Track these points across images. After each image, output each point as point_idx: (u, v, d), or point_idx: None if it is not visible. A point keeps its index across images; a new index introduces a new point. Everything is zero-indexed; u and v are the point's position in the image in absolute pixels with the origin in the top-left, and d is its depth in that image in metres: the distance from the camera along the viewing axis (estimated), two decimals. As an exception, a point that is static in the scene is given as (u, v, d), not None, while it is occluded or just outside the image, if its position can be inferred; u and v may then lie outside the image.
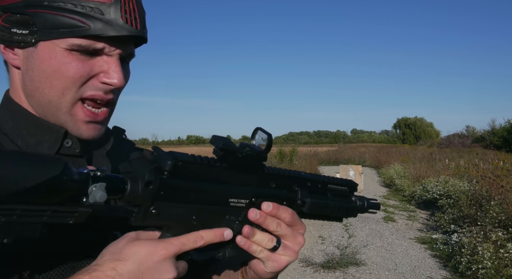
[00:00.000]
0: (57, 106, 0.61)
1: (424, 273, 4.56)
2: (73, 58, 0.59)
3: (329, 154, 28.53)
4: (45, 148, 0.62)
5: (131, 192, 0.50)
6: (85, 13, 0.56)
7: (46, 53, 0.59)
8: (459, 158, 14.83)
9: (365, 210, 0.84)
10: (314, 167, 14.61)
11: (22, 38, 0.59)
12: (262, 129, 0.64)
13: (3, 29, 0.60)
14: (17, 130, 0.63)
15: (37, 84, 0.61)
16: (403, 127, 63.42)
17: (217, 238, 0.59)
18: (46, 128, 0.63)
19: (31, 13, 0.57)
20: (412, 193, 9.83)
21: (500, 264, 3.86)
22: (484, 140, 26.65)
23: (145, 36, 0.64)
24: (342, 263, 4.85)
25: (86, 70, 0.60)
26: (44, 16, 0.57)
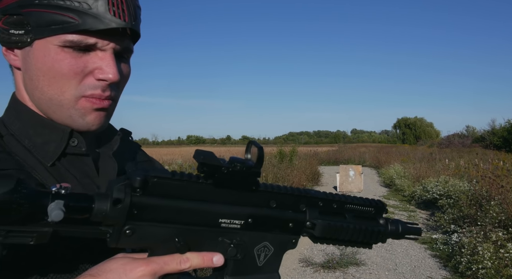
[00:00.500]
0: (58, 104, 0.62)
1: (424, 273, 4.56)
2: (66, 55, 0.59)
3: (329, 154, 28.53)
4: (52, 147, 0.63)
5: (98, 211, 0.47)
6: (73, 9, 0.57)
7: (40, 52, 0.60)
8: (459, 158, 14.83)
9: (400, 235, 0.74)
10: (314, 167, 14.61)
11: (19, 39, 0.60)
12: (254, 143, 0.59)
13: (3, 31, 0.61)
14: (24, 130, 0.63)
15: (36, 83, 0.61)
16: (403, 127, 63.41)
17: (205, 262, 0.55)
18: (52, 128, 0.64)
19: (25, 13, 0.58)
20: (412, 193, 9.83)
21: (500, 264, 3.86)
22: (484, 140, 26.65)
23: (136, 29, 0.63)
24: (342, 263, 4.85)
25: (79, 66, 0.60)
26: (36, 14, 0.58)
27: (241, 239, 0.59)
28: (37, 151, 0.62)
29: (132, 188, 0.49)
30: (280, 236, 0.64)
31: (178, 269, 0.52)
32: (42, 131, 0.63)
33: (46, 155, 0.62)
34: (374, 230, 0.71)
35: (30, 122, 0.64)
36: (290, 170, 9.94)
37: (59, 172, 0.62)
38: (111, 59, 0.61)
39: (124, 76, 0.67)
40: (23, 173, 0.58)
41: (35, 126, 0.64)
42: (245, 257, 0.60)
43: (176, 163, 14.06)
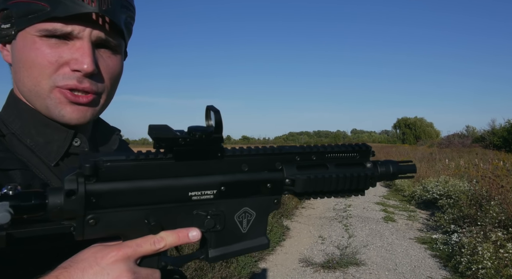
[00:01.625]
0: (36, 94, 0.60)
1: (424, 273, 4.56)
2: (42, 44, 0.58)
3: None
4: (55, 147, 0.62)
5: (52, 206, 0.45)
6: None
7: (21, 43, 0.59)
8: (459, 158, 14.82)
9: (393, 176, 0.70)
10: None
11: (6, 32, 0.60)
12: (211, 107, 0.56)
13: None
14: (25, 129, 0.63)
15: (19, 75, 0.61)
16: (403, 127, 63.39)
17: (180, 239, 0.53)
18: (55, 128, 0.63)
19: (10, 5, 0.58)
20: (412, 193, 9.83)
21: (500, 264, 3.86)
22: (484, 140, 26.63)
23: (110, 16, 0.60)
24: (342, 263, 4.84)
25: (54, 56, 0.58)
26: (17, 5, 0.57)
27: (217, 209, 0.56)
28: (39, 151, 0.62)
29: (84, 177, 0.47)
30: (260, 199, 0.60)
31: (152, 250, 0.50)
32: (45, 131, 0.63)
33: (49, 155, 0.62)
34: (361, 175, 0.65)
35: (31, 121, 0.63)
36: (290, 170, 9.93)
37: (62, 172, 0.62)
38: (87, 48, 0.59)
39: (109, 70, 0.64)
40: (28, 173, 0.58)
41: (37, 125, 0.63)
42: (226, 227, 0.58)
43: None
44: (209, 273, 3.88)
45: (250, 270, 4.47)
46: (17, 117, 0.64)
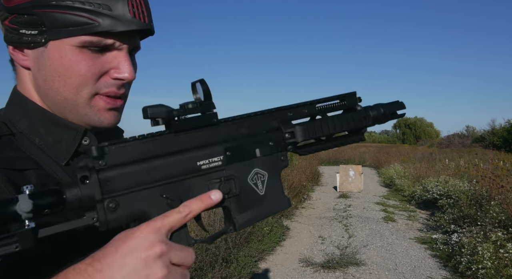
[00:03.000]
0: (73, 103, 0.61)
1: (424, 273, 4.56)
2: (84, 56, 0.59)
3: (329, 154, 28.49)
4: (64, 145, 0.63)
5: (71, 198, 0.46)
6: (93, 10, 0.57)
7: (56, 52, 0.59)
8: (459, 158, 14.81)
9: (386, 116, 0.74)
10: (314, 167, 14.61)
11: (31, 39, 0.59)
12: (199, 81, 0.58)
13: (11, 30, 0.59)
14: (34, 128, 0.62)
15: (51, 83, 0.61)
16: (403, 127, 63.37)
17: (204, 202, 0.54)
18: (64, 127, 0.63)
19: (39, 13, 0.57)
20: (412, 193, 9.82)
21: (500, 264, 3.86)
22: (484, 140, 26.62)
23: (153, 29, 0.64)
24: (342, 263, 4.84)
25: (97, 67, 0.60)
26: (53, 15, 0.57)
27: (228, 174, 0.59)
28: (49, 150, 0.62)
29: (93, 159, 0.49)
30: (267, 158, 0.63)
31: (180, 218, 0.51)
32: (54, 130, 0.63)
33: (59, 154, 0.62)
34: (355, 116, 0.70)
35: (40, 120, 0.63)
36: (290, 170, 9.93)
37: (73, 171, 0.62)
38: (127, 58, 0.62)
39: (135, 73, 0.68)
40: (42, 172, 0.59)
41: (46, 124, 0.63)
42: (243, 191, 0.60)
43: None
44: (209, 273, 3.88)
45: (250, 270, 4.47)
46: (24, 116, 0.63)
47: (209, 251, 4.08)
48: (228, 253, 4.52)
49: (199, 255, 3.92)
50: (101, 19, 0.57)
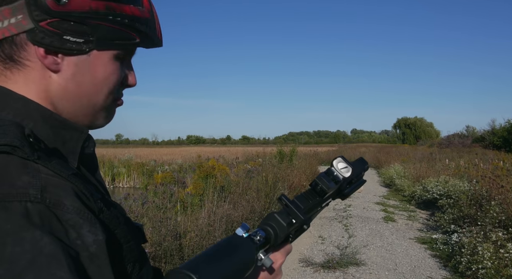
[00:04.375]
0: (100, 108, 0.65)
1: (424, 273, 4.56)
2: (116, 67, 0.64)
3: (329, 154, 28.51)
4: (70, 147, 0.62)
5: None
6: (136, 28, 0.62)
7: (98, 61, 0.62)
8: (459, 158, 14.82)
9: None
10: (314, 167, 14.61)
11: (76, 47, 0.59)
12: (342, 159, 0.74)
13: (51, 34, 0.58)
14: (40, 131, 0.60)
15: (85, 89, 0.63)
16: (403, 127, 63.39)
17: None
18: (70, 128, 0.63)
19: (91, 24, 0.59)
20: (412, 193, 9.83)
21: (500, 264, 3.86)
22: (484, 140, 26.62)
23: None
24: (342, 263, 4.84)
25: (121, 76, 0.66)
26: (104, 28, 0.60)
27: None
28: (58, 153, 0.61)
29: None
30: None
31: None
32: (60, 132, 0.62)
33: (68, 157, 0.61)
34: None
35: (46, 122, 0.61)
36: (290, 170, 9.93)
37: (84, 172, 0.63)
38: (132, 67, 0.69)
39: None
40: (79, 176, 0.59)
41: (53, 126, 0.61)
42: None
43: (176, 163, 14.06)
44: (209, 273, 3.88)
45: (250, 270, 4.47)
46: (26, 117, 0.60)
47: (209, 251, 4.08)
48: (228, 253, 4.51)
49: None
50: (143, 38, 0.64)
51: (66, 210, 0.48)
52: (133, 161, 19.98)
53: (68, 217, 0.48)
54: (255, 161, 12.37)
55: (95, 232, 0.49)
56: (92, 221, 0.50)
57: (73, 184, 0.53)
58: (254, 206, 6.03)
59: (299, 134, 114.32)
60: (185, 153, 25.02)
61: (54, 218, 0.47)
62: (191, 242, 3.98)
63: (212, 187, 6.23)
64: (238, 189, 6.61)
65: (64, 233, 0.47)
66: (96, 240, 0.49)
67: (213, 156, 16.05)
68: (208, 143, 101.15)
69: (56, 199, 0.49)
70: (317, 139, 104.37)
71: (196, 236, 4.14)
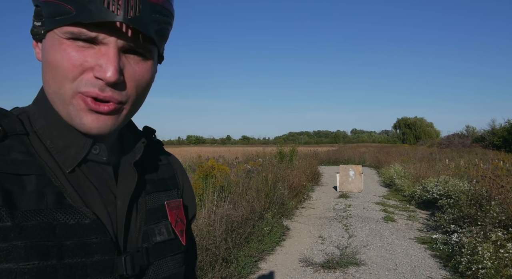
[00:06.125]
0: (60, 98, 0.58)
1: (424, 273, 4.56)
2: (68, 46, 0.55)
3: (329, 154, 28.50)
4: (73, 152, 0.60)
5: None
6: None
7: (49, 43, 0.57)
8: (459, 158, 14.82)
9: None
10: (314, 167, 14.61)
11: (37, 30, 0.58)
12: None
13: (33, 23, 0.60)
14: (47, 130, 0.60)
15: (45, 76, 0.58)
16: (403, 127, 63.37)
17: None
18: (77, 132, 0.60)
19: (41, 3, 0.57)
20: (412, 193, 9.82)
21: (500, 264, 3.86)
22: (484, 139, 26.60)
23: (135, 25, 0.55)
24: (342, 263, 4.84)
25: (78, 59, 0.55)
26: (47, 4, 0.56)
27: None
28: (57, 154, 0.60)
29: None
30: None
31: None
32: (67, 134, 0.60)
33: (66, 160, 0.60)
34: None
35: (55, 123, 0.61)
36: (290, 170, 9.93)
37: (77, 180, 0.59)
38: (112, 55, 0.55)
39: (135, 77, 0.60)
40: (44, 179, 0.56)
41: (60, 127, 0.60)
42: None
43: (176, 163, 14.04)
44: (209, 273, 3.88)
45: (250, 270, 4.47)
46: (42, 115, 0.61)
47: (209, 251, 4.08)
48: (228, 253, 4.51)
49: (199, 255, 3.92)
50: (77, 9, 0.53)
51: None
52: (133, 161, 19.92)
53: None
54: (255, 161, 12.37)
55: None
56: None
57: None
58: (254, 206, 6.03)
59: (299, 134, 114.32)
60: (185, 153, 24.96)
61: None
62: (191, 242, 3.98)
63: (212, 187, 6.23)
64: (238, 189, 6.61)
65: None
66: None
67: (213, 156, 16.06)
68: (208, 143, 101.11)
69: None
70: (317, 139, 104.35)
71: (196, 236, 4.13)
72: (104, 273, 0.56)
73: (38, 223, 0.51)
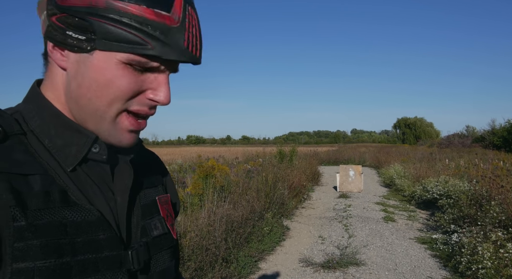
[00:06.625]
0: (102, 116, 0.60)
1: (424, 273, 4.56)
2: (127, 72, 0.58)
3: (329, 154, 28.51)
4: (73, 150, 0.61)
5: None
6: (148, 33, 0.55)
7: (101, 63, 0.57)
8: (459, 158, 14.82)
9: None
10: (314, 167, 14.61)
11: (77, 43, 0.57)
12: None
13: (57, 29, 0.58)
14: (45, 129, 0.61)
15: (85, 91, 0.59)
16: (403, 127, 63.38)
17: None
18: (75, 131, 0.61)
19: (92, 21, 0.55)
20: (412, 193, 9.82)
21: (500, 264, 3.86)
22: (484, 140, 26.60)
23: (199, 62, 0.62)
24: (342, 263, 4.84)
25: (137, 85, 0.59)
26: (106, 27, 0.55)
27: None
28: (57, 153, 0.60)
29: None
30: None
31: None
32: (64, 133, 0.61)
33: (66, 159, 0.60)
34: None
35: (52, 122, 0.61)
36: (290, 170, 9.93)
37: (79, 178, 0.60)
38: (166, 82, 0.61)
39: None
40: (47, 178, 0.56)
41: (57, 126, 0.61)
42: None
43: (176, 163, 14.04)
44: (209, 273, 3.88)
45: (250, 270, 4.47)
46: (37, 114, 0.61)
47: (209, 251, 4.08)
48: (228, 253, 4.51)
49: (199, 255, 3.92)
50: (154, 43, 0.56)
51: None
52: (133, 161, 19.91)
53: None
54: (255, 161, 12.37)
55: None
56: None
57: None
58: (254, 206, 6.03)
59: (299, 134, 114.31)
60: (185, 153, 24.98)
61: None
62: (191, 242, 3.98)
63: (212, 187, 6.23)
64: (238, 189, 6.61)
65: None
66: None
67: (213, 156, 16.06)
68: (208, 143, 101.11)
69: None
70: (317, 139, 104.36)
71: (196, 236, 4.14)
72: (113, 268, 0.58)
73: (50, 222, 0.52)
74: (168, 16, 0.56)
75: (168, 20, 0.56)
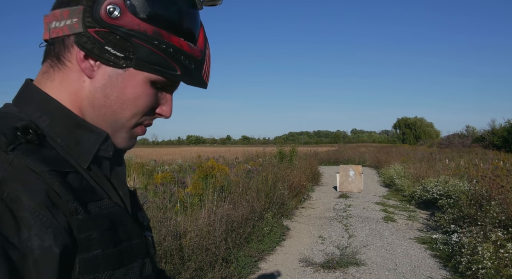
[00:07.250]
0: (121, 126, 0.66)
1: (424, 273, 4.56)
2: (151, 91, 0.65)
3: (329, 154, 28.51)
4: (85, 148, 0.62)
5: None
6: (181, 61, 0.63)
7: (133, 80, 0.63)
8: (459, 158, 14.82)
9: None
10: (314, 167, 14.61)
11: (114, 59, 0.61)
12: None
13: (95, 41, 0.60)
14: (56, 128, 0.61)
15: (111, 103, 0.63)
16: (403, 127, 63.39)
17: None
18: (87, 129, 0.63)
19: (136, 43, 0.60)
20: (412, 193, 9.82)
21: (500, 264, 3.86)
22: (484, 140, 26.61)
23: None
24: (342, 263, 4.84)
25: (154, 103, 0.67)
26: (148, 51, 0.61)
27: None
28: (71, 151, 0.61)
29: None
30: None
31: None
32: (75, 131, 0.62)
33: (80, 157, 0.61)
34: None
35: (64, 121, 0.62)
36: (290, 170, 9.93)
37: (95, 174, 0.63)
38: (171, 100, 0.70)
39: None
40: (78, 175, 0.58)
41: (68, 125, 0.62)
42: None
43: (176, 163, 14.05)
44: (209, 273, 3.88)
45: (250, 270, 4.47)
46: (45, 114, 0.61)
47: (209, 251, 4.08)
48: (228, 253, 4.52)
49: (199, 255, 3.92)
50: (182, 71, 0.64)
51: (22, 207, 0.47)
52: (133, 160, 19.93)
53: (22, 214, 0.47)
54: (255, 161, 12.37)
55: (42, 237, 0.47)
56: (44, 224, 0.48)
57: (45, 180, 0.51)
58: (254, 206, 6.03)
59: (299, 134, 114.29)
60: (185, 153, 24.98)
61: (8, 213, 0.46)
62: (191, 242, 3.98)
63: (212, 187, 6.23)
64: (238, 189, 6.61)
65: (15, 231, 0.46)
66: (40, 246, 0.47)
67: (213, 156, 16.06)
68: (208, 143, 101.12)
69: (14, 194, 0.47)
70: (317, 139, 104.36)
71: (196, 236, 4.14)
72: (143, 254, 0.63)
73: (99, 214, 0.56)
74: (196, 50, 0.65)
75: (196, 53, 0.65)
